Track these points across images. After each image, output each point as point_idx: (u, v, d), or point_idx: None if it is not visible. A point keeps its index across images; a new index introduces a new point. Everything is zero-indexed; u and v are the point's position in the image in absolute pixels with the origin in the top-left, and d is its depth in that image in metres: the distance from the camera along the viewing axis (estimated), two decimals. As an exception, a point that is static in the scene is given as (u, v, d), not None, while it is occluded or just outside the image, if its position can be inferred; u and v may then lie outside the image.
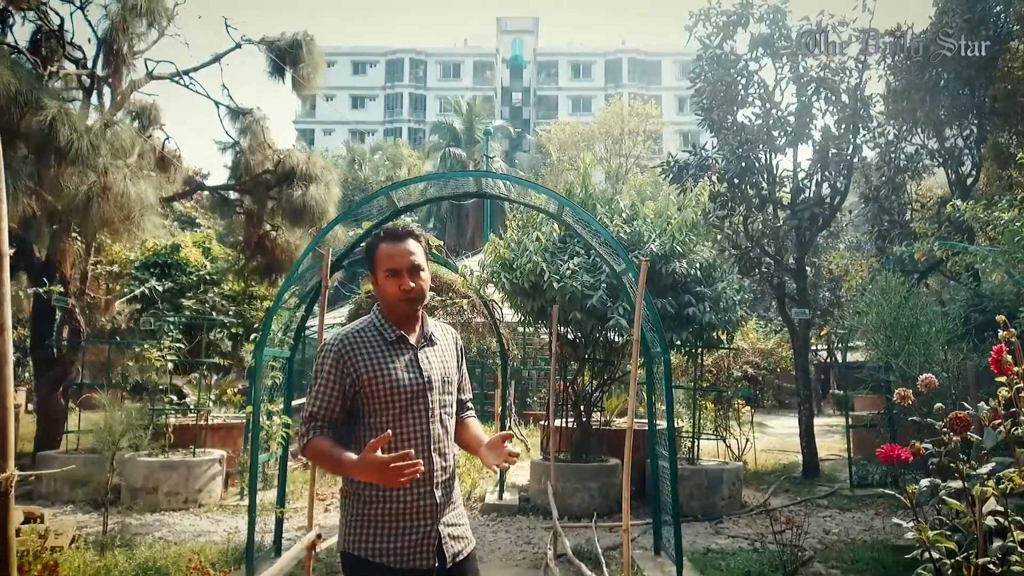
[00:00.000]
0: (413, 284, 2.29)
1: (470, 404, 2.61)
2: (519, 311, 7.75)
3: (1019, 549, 2.38)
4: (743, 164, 10.40)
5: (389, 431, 2.17)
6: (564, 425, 8.49)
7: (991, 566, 2.43)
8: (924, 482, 2.95)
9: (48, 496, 8.18)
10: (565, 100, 61.20)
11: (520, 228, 7.79)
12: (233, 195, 12.23)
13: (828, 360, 22.40)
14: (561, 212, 5.60)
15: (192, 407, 9.02)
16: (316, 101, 62.26)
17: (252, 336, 9.69)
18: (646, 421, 7.06)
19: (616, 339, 7.78)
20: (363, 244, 8.37)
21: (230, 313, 11.86)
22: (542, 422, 10.56)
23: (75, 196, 7.16)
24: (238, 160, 11.12)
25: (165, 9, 8.62)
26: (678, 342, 7.43)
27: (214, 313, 11.05)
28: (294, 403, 6.31)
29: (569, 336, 8.14)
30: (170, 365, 8.54)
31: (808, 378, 10.57)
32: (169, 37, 9.93)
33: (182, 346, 8.81)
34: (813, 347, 17.07)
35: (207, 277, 12.31)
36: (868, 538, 6.81)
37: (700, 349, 8.25)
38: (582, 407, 8.24)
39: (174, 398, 8.84)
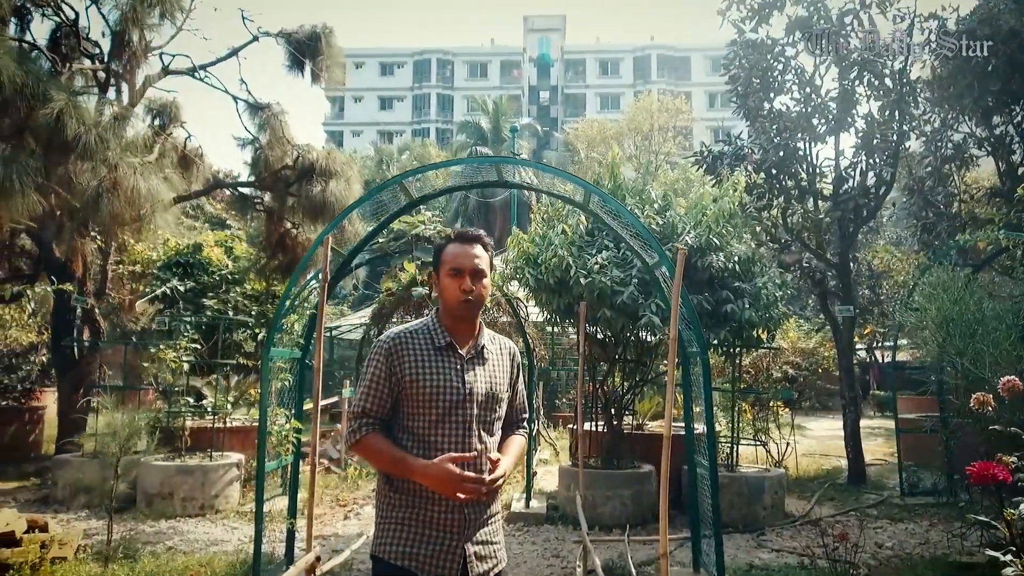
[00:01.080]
0: (474, 287, 2.28)
1: (524, 423, 2.54)
2: (545, 309, 7.33)
3: None
4: (781, 153, 9.87)
5: (475, 453, 2.19)
6: (594, 429, 8.06)
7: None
8: (1024, 507, 2.50)
9: (63, 501, 7.96)
10: (593, 97, 60.58)
11: (545, 221, 7.38)
12: (253, 192, 12.03)
13: (869, 360, 21.59)
14: (588, 201, 5.19)
15: (209, 409, 8.76)
16: (345, 103, 62.64)
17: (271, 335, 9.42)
18: (681, 425, 6.64)
19: (648, 338, 7.33)
20: (378, 239, 8.03)
21: (252, 313, 11.64)
22: (571, 425, 10.15)
23: (85, 192, 6.92)
24: (258, 156, 10.89)
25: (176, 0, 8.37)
26: (715, 341, 6.95)
27: (232, 313, 10.80)
28: (307, 407, 5.98)
29: (598, 335, 7.71)
30: (186, 366, 8.28)
31: (853, 379, 10.00)
32: (186, 32, 9.74)
33: (199, 346, 8.55)
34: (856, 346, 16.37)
35: (229, 276, 12.11)
36: (926, 553, 6.27)
37: (738, 348, 7.76)
38: (613, 410, 7.81)
39: (190, 400, 8.58)
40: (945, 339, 5.17)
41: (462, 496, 2.08)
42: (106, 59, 8.98)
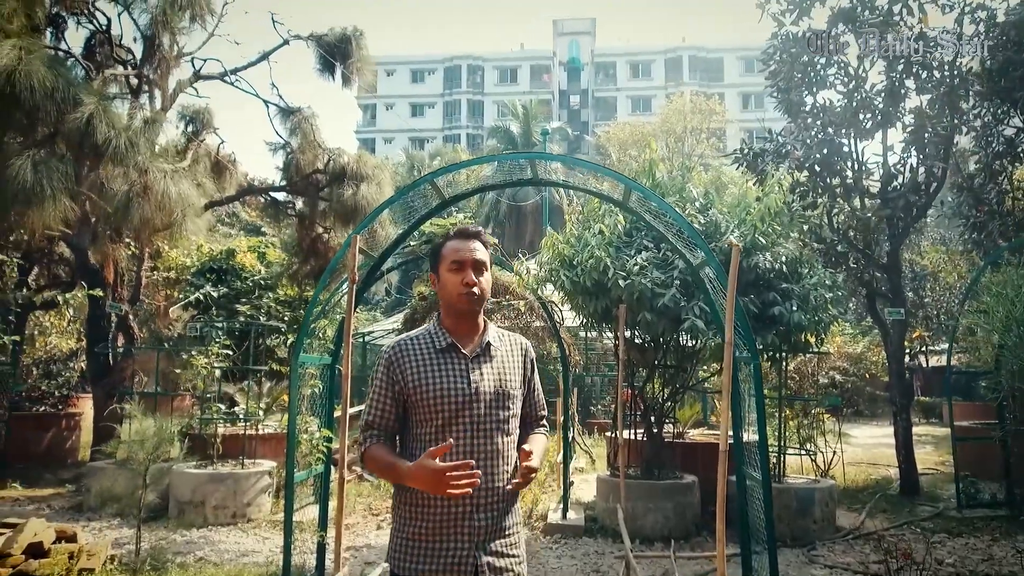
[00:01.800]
0: (476, 279, 2.23)
1: (544, 421, 2.48)
2: (581, 312, 7.08)
3: None
4: (825, 150, 9.50)
5: (451, 440, 2.10)
6: (633, 437, 7.78)
7: None
8: None
9: (96, 509, 7.91)
10: (624, 100, 60.11)
11: (581, 221, 7.13)
12: (285, 197, 12.01)
13: (914, 364, 20.90)
14: (627, 198, 4.93)
15: (241, 416, 8.66)
16: (376, 110, 63.11)
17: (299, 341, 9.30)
18: (728, 433, 6.34)
19: (690, 343, 7.03)
20: (409, 243, 7.85)
21: (285, 318, 11.59)
22: (607, 432, 9.87)
23: (115, 197, 6.86)
24: (289, 160, 10.84)
25: (207, 2, 8.31)
26: (761, 346, 6.63)
27: (264, 319, 10.74)
28: (337, 414, 5.81)
29: (637, 340, 7.43)
30: (217, 372, 8.19)
31: (904, 384, 9.54)
32: (217, 37, 9.72)
33: (230, 352, 8.46)
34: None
35: (262, 282, 12.09)
36: (991, 570, 5.88)
37: (785, 353, 7.42)
38: (652, 417, 7.51)
39: (222, 407, 8.49)
40: (1018, 342, 4.80)
41: (455, 492, 1.94)
42: (138, 64, 8.97)
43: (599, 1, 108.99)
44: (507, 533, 2.20)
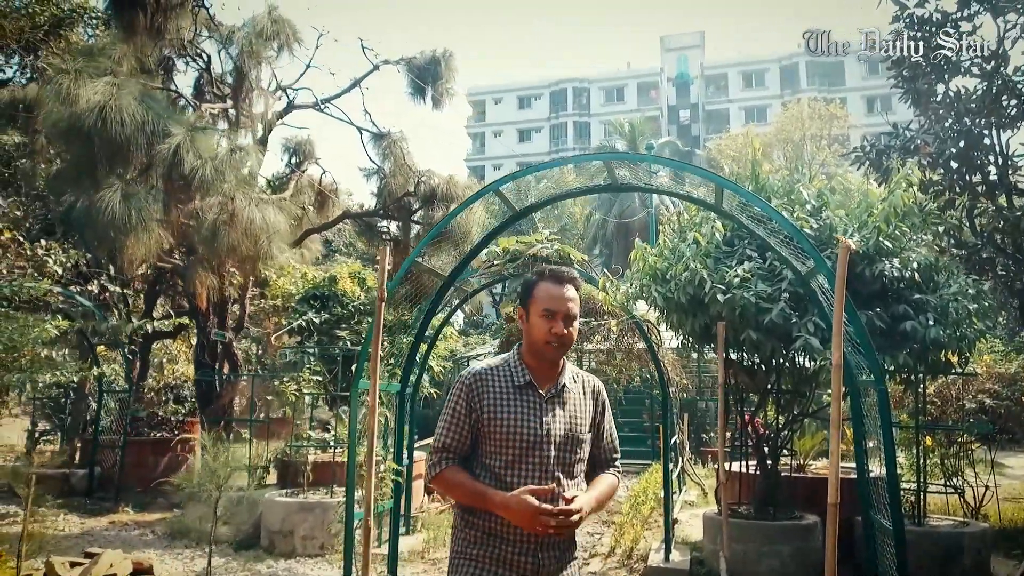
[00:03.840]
0: (565, 331, 2.26)
1: (617, 463, 2.46)
2: (676, 331, 6.43)
3: None
4: (962, 143, 8.38)
5: (554, 486, 2.17)
6: (744, 470, 7.00)
7: None
8: None
9: (191, 535, 7.98)
10: (737, 112, 57.96)
11: (676, 232, 6.50)
12: (384, 225, 12.05)
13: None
14: (720, 199, 4.33)
15: (331, 442, 8.56)
16: (485, 138, 64.22)
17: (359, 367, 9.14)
18: (852, 466, 5.52)
19: (807, 364, 6.22)
20: (493, 260, 7.49)
21: (384, 343, 11.56)
22: (716, 465, 9.05)
23: (203, 224, 6.94)
24: (382, 186, 10.86)
25: (292, 31, 8.41)
26: (891, 367, 5.74)
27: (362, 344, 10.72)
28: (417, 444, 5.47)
29: (745, 361, 6.68)
30: (307, 399, 8.13)
31: (1071, 409, 8.18)
32: (312, 68, 9.89)
33: (319, 378, 8.40)
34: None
35: (362, 307, 12.14)
36: None
37: (922, 375, 6.44)
38: (766, 448, 6.71)
39: (312, 434, 8.41)
40: None
41: (540, 529, 2.06)
42: (233, 96, 9.22)
43: (707, 13, 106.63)
44: (568, 567, 2.27)
